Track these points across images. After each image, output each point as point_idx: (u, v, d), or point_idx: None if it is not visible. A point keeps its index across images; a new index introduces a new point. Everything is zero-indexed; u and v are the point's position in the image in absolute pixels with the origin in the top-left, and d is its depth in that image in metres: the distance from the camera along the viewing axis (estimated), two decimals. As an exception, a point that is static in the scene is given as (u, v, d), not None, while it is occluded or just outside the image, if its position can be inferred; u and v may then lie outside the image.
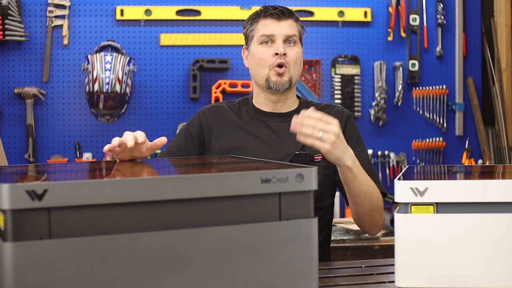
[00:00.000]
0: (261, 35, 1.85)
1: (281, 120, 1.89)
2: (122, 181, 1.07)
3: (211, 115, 1.93)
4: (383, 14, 3.78)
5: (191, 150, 1.90)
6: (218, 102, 2.00)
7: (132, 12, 3.54)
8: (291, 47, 1.85)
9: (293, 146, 1.84)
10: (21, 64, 3.46)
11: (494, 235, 1.29)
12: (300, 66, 1.88)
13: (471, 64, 3.88)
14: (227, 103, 1.98)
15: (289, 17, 1.86)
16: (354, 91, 3.71)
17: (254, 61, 1.87)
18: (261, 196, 1.15)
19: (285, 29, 1.84)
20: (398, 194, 1.31)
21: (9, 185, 0.99)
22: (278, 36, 1.84)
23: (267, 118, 1.91)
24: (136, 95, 3.56)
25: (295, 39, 1.86)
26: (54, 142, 3.51)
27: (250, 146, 1.85)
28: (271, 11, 1.85)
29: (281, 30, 1.84)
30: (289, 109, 1.92)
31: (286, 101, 1.91)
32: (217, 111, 1.94)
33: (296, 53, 1.85)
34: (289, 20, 1.86)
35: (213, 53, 3.62)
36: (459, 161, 3.82)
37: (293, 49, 1.85)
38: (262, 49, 1.85)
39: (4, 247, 0.99)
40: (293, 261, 1.16)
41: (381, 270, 1.58)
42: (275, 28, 1.84)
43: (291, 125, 1.56)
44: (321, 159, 1.83)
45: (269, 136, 1.87)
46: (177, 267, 1.09)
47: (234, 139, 1.87)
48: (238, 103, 1.98)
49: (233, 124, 1.91)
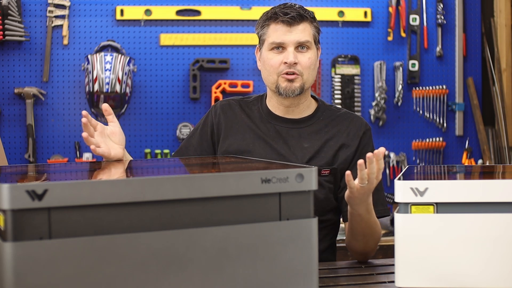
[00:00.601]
0: (271, 42, 1.78)
1: (292, 126, 1.84)
2: (122, 181, 1.07)
3: (222, 113, 1.88)
4: (383, 14, 3.78)
5: (206, 151, 1.87)
6: (232, 99, 1.94)
7: (132, 12, 3.54)
8: (304, 53, 1.78)
9: (300, 156, 1.80)
10: (21, 64, 3.45)
11: (494, 235, 1.29)
12: (314, 70, 1.81)
13: (471, 64, 3.88)
14: (240, 100, 1.93)
15: (302, 21, 1.77)
16: (354, 91, 3.71)
17: (265, 66, 1.82)
18: (261, 196, 1.15)
19: (297, 35, 1.76)
20: (398, 194, 1.31)
21: (9, 185, 0.99)
22: (289, 43, 1.76)
23: (277, 122, 1.85)
24: (136, 95, 3.56)
25: (308, 44, 1.78)
26: (54, 142, 3.51)
27: (256, 150, 1.81)
28: (282, 18, 1.76)
29: (292, 37, 1.76)
30: (302, 114, 1.86)
31: (299, 106, 1.85)
32: (228, 110, 1.89)
33: (308, 59, 1.78)
34: (302, 24, 1.77)
35: (213, 53, 3.62)
36: (459, 161, 3.81)
37: (305, 55, 1.78)
38: (272, 55, 1.78)
39: (4, 247, 0.99)
40: (293, 261, 1.16)
41: (381, 270, 1.58)
42: (286, 35, 1.76)
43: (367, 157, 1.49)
44: (328, 174, 1.78)
45: (277, 142, 1.82)
46: (177, 267, 1.09)
47: (242, 141, 1.84)
48: (252, 100, 1.92)
49: (243, 125, 1.86)
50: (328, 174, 1.79)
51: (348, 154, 1.81)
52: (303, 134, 1.84)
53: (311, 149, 1.81)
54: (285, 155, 1.80)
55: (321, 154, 1.81)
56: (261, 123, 1.86)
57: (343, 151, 1.81)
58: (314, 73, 1.82)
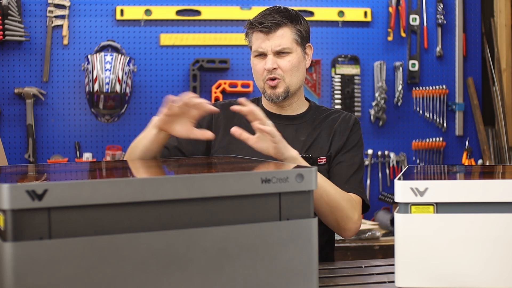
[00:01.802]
0: (254, 50, 1.86)
1: (287, 122, 1.90)
2: (122, 181, 1.07)
3: (222, 111, 1.91)
4: (383, 14, 3.78)
5: (198, 143, 1.88)
6: (231, 100, 1.99)
7: (132, 12, 3.54)
8: (284, 57, 1.82)
9: (298, 148, 1.82)
10: (21, 64, 3.46)
11: (494, 235, 1.29)
12: (298, 72, 1.85)
13: (471, 64, 3.88)
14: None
15: (279, 27, 1.81)
16: (354, 91, 3.71)
17: (253, 72, 1.90)
18: (261, 196, 1.15)
19: (274, 42, 1.81)
20: (398, 194, 1.31)
21: (9, 185, 0.99)
22: (267, 51, 1.82)
23: (273, 120, 1.88)
24: (136, 95, 3.56)
25: (286, 50, 1.82)
26: (54, 142, 3.51)
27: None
28: (258, 28, 1.82)
29: (270, 44, 1.81)
30: (296, 111, 1.92)
31: (292, 105, 1.91)
32: (227, 109, 1.92)
33: (288, 62, 1.82)
34: (280, 30, 1.81)
35: (213, 53, 3.62)
36: (459, 161, 3.82)
37: (285, 58, 1.82)
38: (256, 62, 1.86)
39: (4, 247, 0.99)
40: (293, 261, 1.16)
41: (381, 270, 1.58)
42: (264, 42, 1.82)
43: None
44: (325, 162, 1.84)
45: None
46: (177, 267, 1.09)
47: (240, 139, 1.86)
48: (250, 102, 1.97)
49: (244, 122, 1.89)
50: (325, 162, 1.84)
51: (340, 144, 1.87)
52: (299, 129, 1.89)
53: (308, 141, 1.87)
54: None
55: (317, 144, 1.87)
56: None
57: (335, 140, 1.87)
58: (298, 74, 1.86)
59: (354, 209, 1.75)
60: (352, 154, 1.85)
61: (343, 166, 1.83)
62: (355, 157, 1.86)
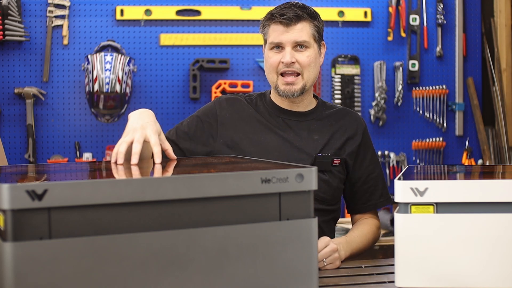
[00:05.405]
0: (270, 42, 1.83)
1: (300, 119, 1.89)
2: (122, 181, 1.07)
3: (228, 106, 1.90)
4: (383, 14, 3.78)
5: (198, 139, 1.87)
6: (235, 94, 1.98)
7: (132, 12, 3.54)
8: (302, 51, 1.82)
9: (312, 147, 1.85)
10: (21, 64, 3.45)
11: (494, 235, 1.29)
12: (314, 68, 1.85)
13: (471, 64, 3.88)
14: (244, 96, 1.97)
15: (299, 21, 1.80)
16: (354, 91, 3.71)
17: (266, 65, 1.88)
18: (261, 196, 1.15)
19: (293, 35, 1.80)
20: (398, 194, 1.31)
21: (9, 185, 0.99)
22: (286, 43, 1.80)
23: (286, 116, 1.90)
24: (136, 95, 3.56)
25: (305, 44, 1.81)
26: (54, 142, 3.51)
27: (270, 142, 1.85)
28: (278, 19, 1.81)
29: (289, 36, 1.80)
30: (307, 108, 1.92)
31: (303, 101, 1.90)
32: (234, 103, 1.92)
33: (307, 57, 1.82)
34: (300, 24, 1.81)
35: (213, 53, 3.62)
36: (459, 161, 3.82)
37: (304, 53, 1.82)
38: (271, 54, 1.84)
39: (4, 247, 0.99)
40: (293, 261, 1.16)
41: (381, 270, 1.58)
42: (283, 35, 1.80)
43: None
44: (339, 164, 1.86)
45: (289, 134, 1.87)
46: (177, 267, 1.09)
47: (253, 134, 1.86)
48: (255, 97, 1.96)
49: (252, 118, 1.89)
50: (339, 164, 1.86)
51: (353, 148, 1.89)
52: (312, 126, 1.89)
53: (321, 141, 1.87)
54: (299, 146, 1.85)
55: (330, 145, 1.87)
56: (269, 117, 1.90)
57: (349, 144, 1.89)
58: (314, 71, 1.86)
59: (378, 233, 1.92)
60: (374, 161, 1.94)
61: (377, 179, 1.93)
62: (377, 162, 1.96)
